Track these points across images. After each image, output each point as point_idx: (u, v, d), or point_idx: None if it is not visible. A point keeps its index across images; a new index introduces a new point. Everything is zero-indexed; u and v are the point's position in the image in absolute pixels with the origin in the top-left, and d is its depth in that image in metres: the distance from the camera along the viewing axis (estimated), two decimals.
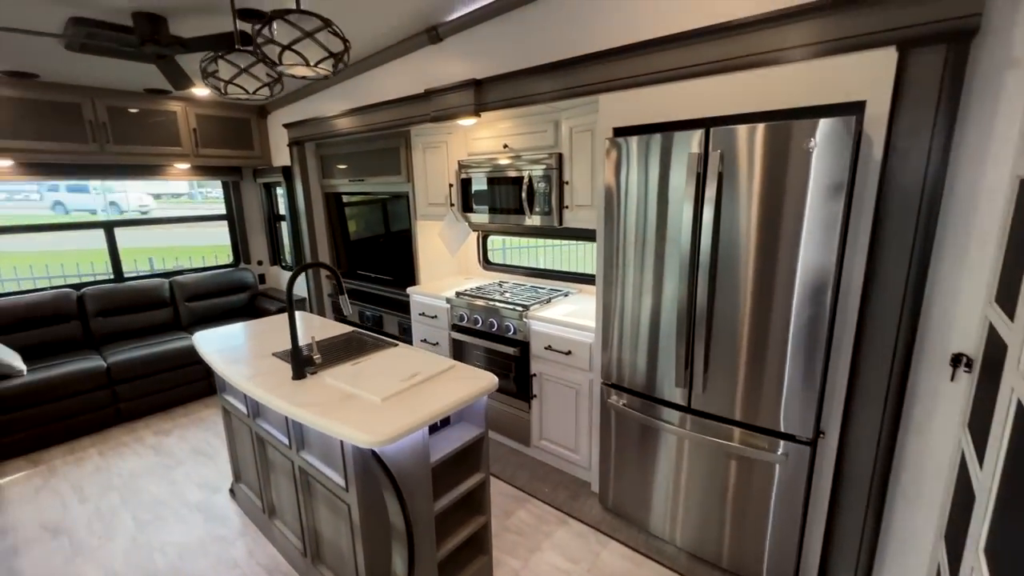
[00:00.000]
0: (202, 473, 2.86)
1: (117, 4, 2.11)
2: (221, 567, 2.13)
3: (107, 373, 3.33)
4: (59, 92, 3.25)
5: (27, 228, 3.83)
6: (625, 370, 2.14)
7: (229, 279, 4.42)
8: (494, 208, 2.92)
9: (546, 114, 2.58)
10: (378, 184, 3.66)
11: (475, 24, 2.50)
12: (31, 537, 2.36)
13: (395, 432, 1.40)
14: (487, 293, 3.06)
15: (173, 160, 3.88)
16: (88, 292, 3.71)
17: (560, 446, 2.70)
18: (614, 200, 2.03)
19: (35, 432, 3.09)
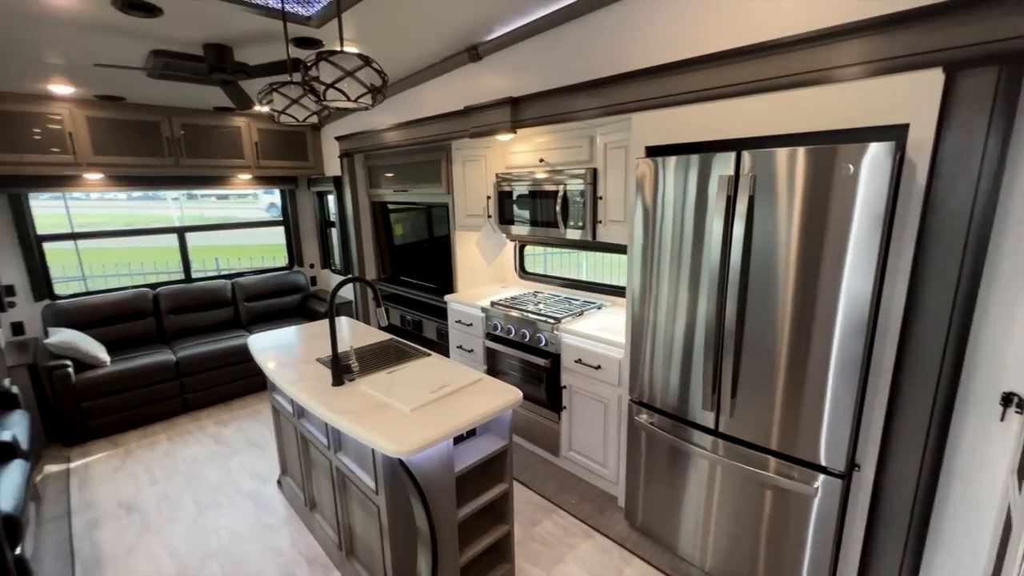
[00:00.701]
0: (254, 464, 3.09)
1: (190, 37, 2.35)
2: (267, 553, 2.31)
3: (176, 366, 3.67)
4: (141, 112, 3.61)
5: (114, 233, 4.28)
6: (655, 389, 2.14)
7: (284, 281, 4.73)
8: (530, 221, 2.97)
9: (581, 130, 2.60)
10: (421, 194, 3.81)
11: (513, 43, 2.56)
12: (108, 513, 2.65)
13: (421, 443, 1.48)
14: (521, 304, 3.12)
15: (237, 171, 4.21)
16: (162, 292, 4.09)
17: (588, 459, 2.71)
18: (649, 217, 2.03)
19: (115, 417, 3.45)
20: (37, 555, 2.30)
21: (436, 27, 2.42)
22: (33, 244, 3.61)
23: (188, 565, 2.26)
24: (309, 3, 1.96)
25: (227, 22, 2.16)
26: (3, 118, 3.13)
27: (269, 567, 2.22)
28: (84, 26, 2.13)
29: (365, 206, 4.40)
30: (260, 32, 2.30)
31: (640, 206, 2.04)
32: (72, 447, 3.34)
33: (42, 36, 2.23)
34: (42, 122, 3.26)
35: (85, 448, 3.33)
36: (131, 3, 1.93)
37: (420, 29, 2.44)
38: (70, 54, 2.49)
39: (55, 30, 2.16)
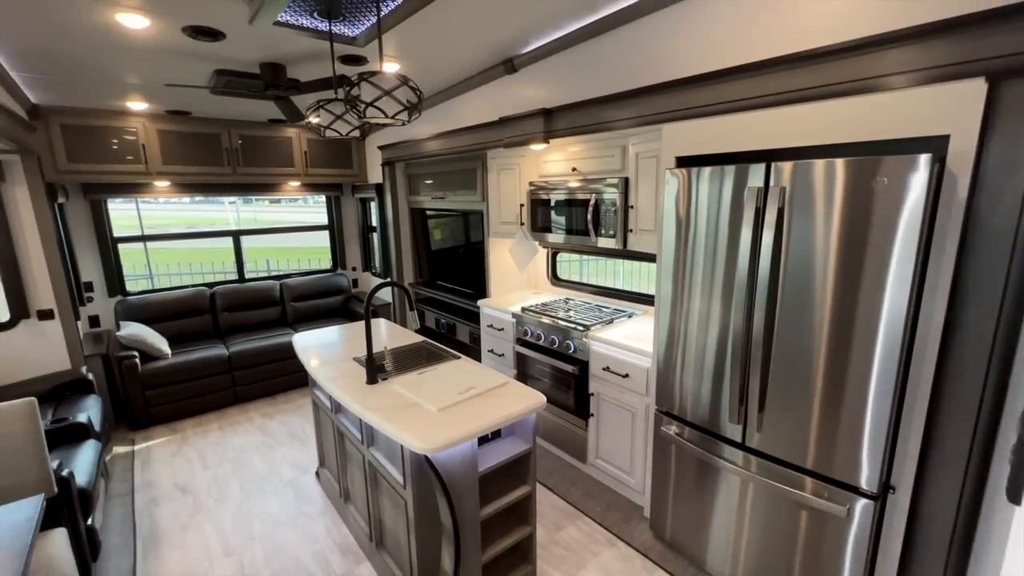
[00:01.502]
0: (295, 455, 3.28)
1: (249, 57, 2.55)
2: (304, 540, 2.45)
3: (228, 361, 3.93)
4: (204, 125, 3.92)
5: (178, 236, 4.64)
6: (683, 400, 2.13)
7: (328, 283, 4.97)
8: (562, 228, 3.01)
9: (614, 139, 2.63)
10: (457, 201, 3.93)
11: (547, 56, 2.63)
12: (166, 493, 2.88)
13: (446, 441, 1.56)
14: (551, 310, 3.16)
15: (288, 179, 4.48)
16: (218, 291, 4.40)
17: (615, 467, 2.71)
18: (680, 227, 2.03)
19: (174, 405, 3.74)
20: (104, 527, 2.54)
21: (474, 42, 2.52)
22: (109, 245, 3.98)
23: (234, 545, 2.43)
24: (354, 24, 2.10)
25: (281, 43, 2.34)
26: (89, 132, 3.48)
27: (305, 553, 2.36)
28: (159, 50, 2.36)
29: (404, 212, 4.57)
30: (310, 51, 2.47)
31: (671, 216, 2.05)
32: (137, 431, 3.65)
33: (125, 60, 2.49)
34: (120, 135, 3.60)
35: (148, 432, 3.63)
36: (199, 29, 2.13)
37: (459, 45, 2.54)
38: (146, 75, 2.76)
39: (135, 55, 2.41)
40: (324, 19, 2.00)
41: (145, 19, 2.00)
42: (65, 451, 2.42)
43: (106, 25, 2.04)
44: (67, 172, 3.44)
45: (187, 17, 2.02)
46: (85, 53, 2.37)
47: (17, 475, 1.73)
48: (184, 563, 2.32)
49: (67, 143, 3.40)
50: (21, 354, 3.07)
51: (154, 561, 2.33)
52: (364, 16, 2.02)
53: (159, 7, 1.91)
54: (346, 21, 2.07)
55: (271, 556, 2.35)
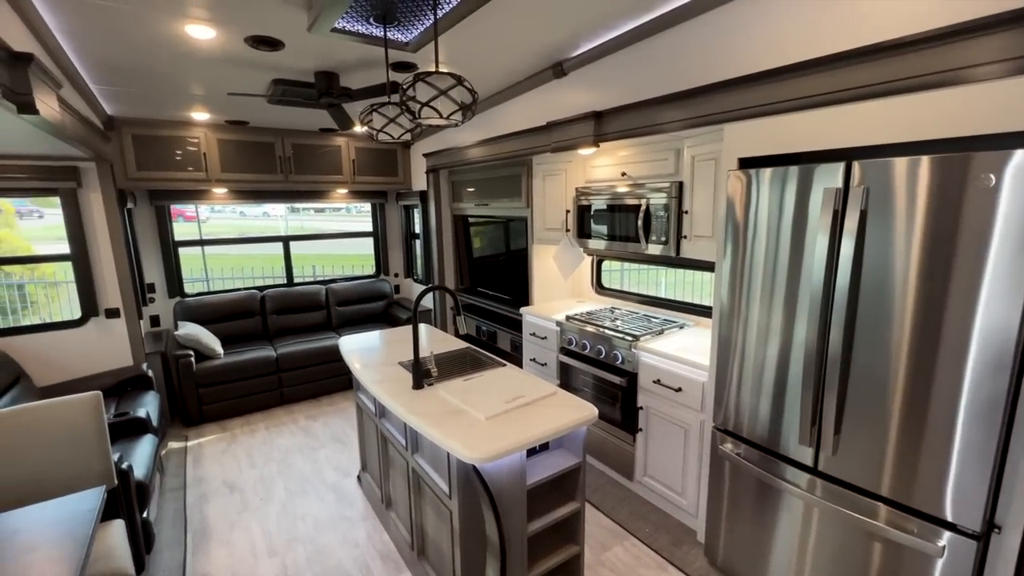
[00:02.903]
0: (338, 458, 3.30)
1: (305, 66, 2.62)
2: (345, 544, 2.44)
3: (276, 362, 4.04)
4: (260, 134, 4.08)
5: (233, 241, 4.85)
6: (743, 417, 1.98)
7: (371, 288, 5.05)
8: (609, 235, 2.92)
9: (667, 142, 2.53)
10: (500, 208, 3.91)
11: (598, 58, 2.56)
12: (215, 489, 2.95)
13: (495, 451, 1.50)
14: (597, 319, 3.06)
15: (336, 186, 4.60)
16: (268, 294, 4.55)
17: (665, 486, 2.57)
18: (740, 233, 1.91)
19: (225, 404, 3.86)
20: (158, 520, 2.62)
21: (524, 47, 2.49)
22: (171, 249, 4.19)
23: (277, 545, 2.45)
24: (408, 30, 2.11)
25: (335, 51, 2.39)
26: (155, 141, 3.68)
27: (346, 558, 2.34)
28: (222, 61, 2.46)
29: (447, 219, 4.59)
30: (362, 59, 2.51)
31: (731, 221, 1.93)
32: (190, 427, 3.78)
33: (191, 71, 2.61)
34: (184, 145, 3.80)
35: (200, 429, 3.76)
36: (260, 39, 2.20)
37: (508, 49, 2.52)
38: (209, 85, 2.89)
39: (201, 66, 2.52)
40: (379, 24, 2.02)
41: (212, 30, 2.08)
42: (125, 444, 2.52)
43: (176, 37, 2.14)
44: (136, 179, 3.64)
45: (250, 27, 2.08)
46: (156, 65, 2.50)
47: (82, 465, 1.79)
48: (231, 560, 2.35)
49: (137, 152, 3.61)
50: (90, 350, 3.25)
51: (203, 557, 2.38)
52: (418, 20, 2.03)
53: (225, 17, 1.98)
54: (400, 26, 2.08)
55: (313, 559, 2.34)
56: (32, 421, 1.73)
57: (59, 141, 2.36)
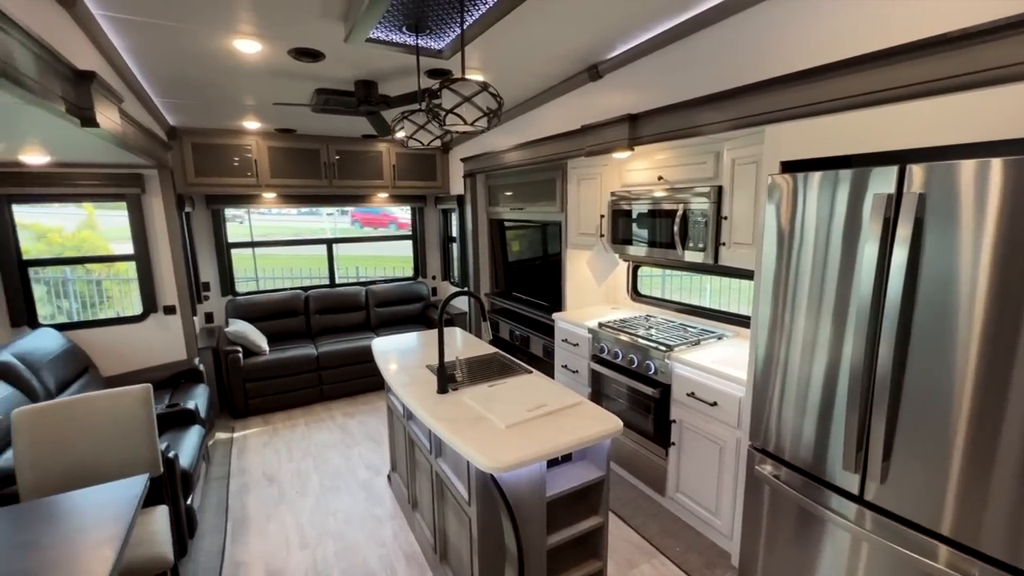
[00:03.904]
0: (370, 456, 3.38)
1: (344, 75, 2.71)
2: (372, 542, 2.49)
3: (317, 360, 4.19)
4: (306, 141, 4.26)
5: (281, 243, 5.09)
6: (783, 438, 1.86)
7: (409, 290, 5.16)
8: (644, 241, 2.84)
9: (706, 145, 2.42)
10: (535, 212, 3.89)
11: (634, 59, 2.50)
12: (256, 480, 3.09)
13: (512, 461, 1.47)
14: (631, 327, 2.98)
15: (377, 190, 4.73)
16: (311, 294, 4.74)
17: (698, 504, 2.46)
18: (784, 241, 1.80)
19: (269, 399, 4.05)
20: (201, 507, 2.77)
21: (558, 50, 2.47)
22: (224, 250, 4.45)
23: (309, 538, 2.52)
24: (440, 37, 2.13)
25: (373, 60, 2.45)
26: (212, 149, 3.93)
27: (373, 556, 2.39)
28: (268, 73, 2.59)
29: (483, 223, 4.62)
30: (399, 67, 2.56)
31: (773, 227, 1.82)
32: (236, 420, 3.99)
33: (241, 83, 2.76)
34: (238, 152, 4.03)
35: (245, 422, 3.95)
36: (302, 51, 2.29)
37: (542, 53, 2.50)
38: (258, 95, 3.04)
39: (249, 77, 2.66)
40: (411, 33, 2.06)
41: (258, 43, 2.19)
42: (174, 434, 2.68)
43: (226, 51, 2.27)
44: (194, 184, 3.90)
45: (292, 40, 2.18)
46: (211, 78, 2.66)
47: (131, 453, 1.92)
48: (266, 550, 2.44)
49: (196, 159, 3.86)
50: (148, 343, 3.50)
51: (241, 545, 2.49)
52: (449, 28, 2.04)
53: (269, 32, 2.08)
54: (432, 34, 2.11)
55: (341, 554, 2.40)
56: (88, 411, 1.87)
57: (124, 151, 2.55)
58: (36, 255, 3.38)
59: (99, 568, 1.29)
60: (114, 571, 1.29)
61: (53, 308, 4.32)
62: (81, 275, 4.67)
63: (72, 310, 4.42)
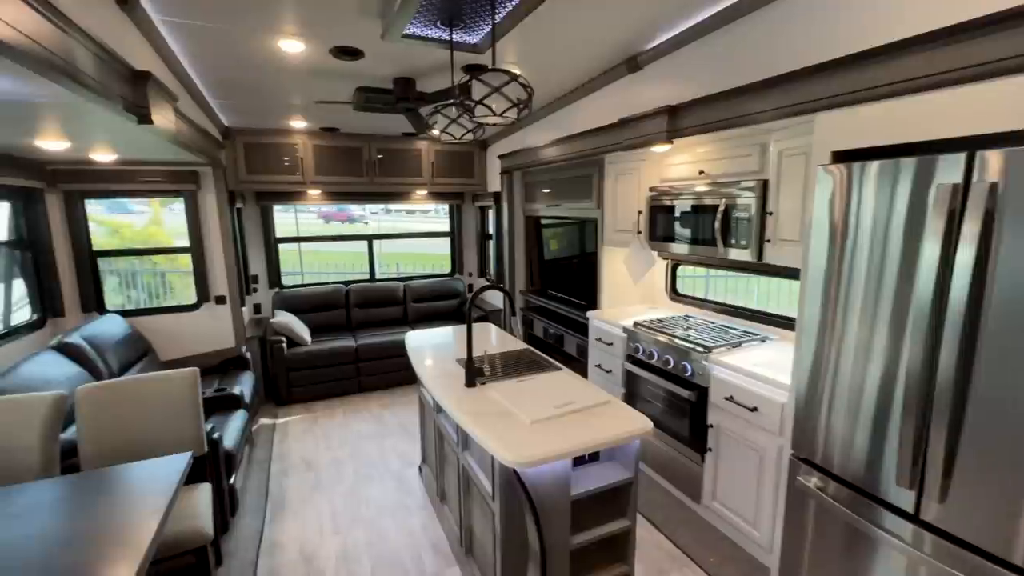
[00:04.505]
0: (403, 447, 3.44)
1: (383, 72, 2.76)
2: (401, 532, 2.52)
3: (355, 352, 4.31)
4: (349, 140, 4.39)
5: (324, 238, 5.28)
6: (831, 449, 1.73)
7: (445, 286, 5.22)
8: (684, 238, 2.73)
9: (751, 136, 2.30)
10: (571, 209, 3.83)
11: (675, 49, 2.40)
12: (295, 465, 3.22)
13: (535, 457, 1.45)
14: (668, 327, 2.87)
15: (416, 188, 4.82)
16: (352, 288, 4.88)
17: (736, 514, 2.34)
18: (836, 237, 1.67)
19: (310, 388, 4.21)
20: (243, 488, 2.91)
21: (596, 41, 2.41)
22: (272, 244, 4.66)
23: (341, 525, 2.59)
24: (474, 31, 2.13)
25: (410, 57, 2.48)
26: (262, 148, 4.12)
27: (401, 545, 2.42)
28: (311, 72, 2.68)
29: (520, 220, 4.60)
30: (435, 63, 2.59)
31: (823, 222, 1.70)
32: (280, 407, 4.17)
33: (286, 83, 2.88)
34: (286, 151, 4.20)
35: (288, 409, 4.12)
36: (342, 49, 2.35)
37: (580, 45, 2.45)
38: (303, 95, 3.16)
39: (293, 77, 2.76)
40: (446, 28, 2.07)
41: (300, 43, 2.27)
42: (220, 417, 2.82)
43: (271, 52, 2.36)
44: (246, 182, 4.10)
45: (332, 39, 2.24)
46: (260, 78, 2.78)
47: (179, 432, 2.04)
48: (301, 533, 2.53)
49: (247, 157, 4.06)
50: (201, 331, 3.72)
51: (278, 526, 2.59)
52: (483, 21, 2.04)
53: (310, 31, 2.15)
54: (467, 28, 2.11)
55: (371, 542, 2.45)
56: (140, 390, 2.00)
57: (181, 149, 2.71)
58: (108, 249, 3.67)
59: (143, 537, 1.36)
60: (155, 541, 1.37)
61: (123, 298, 4.67)
62: (148, 268, 5.03)
63: (140, 300, 4.77)
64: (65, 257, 3.28)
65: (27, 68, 1.24)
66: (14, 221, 3.01)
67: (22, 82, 1.36)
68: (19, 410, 1.81)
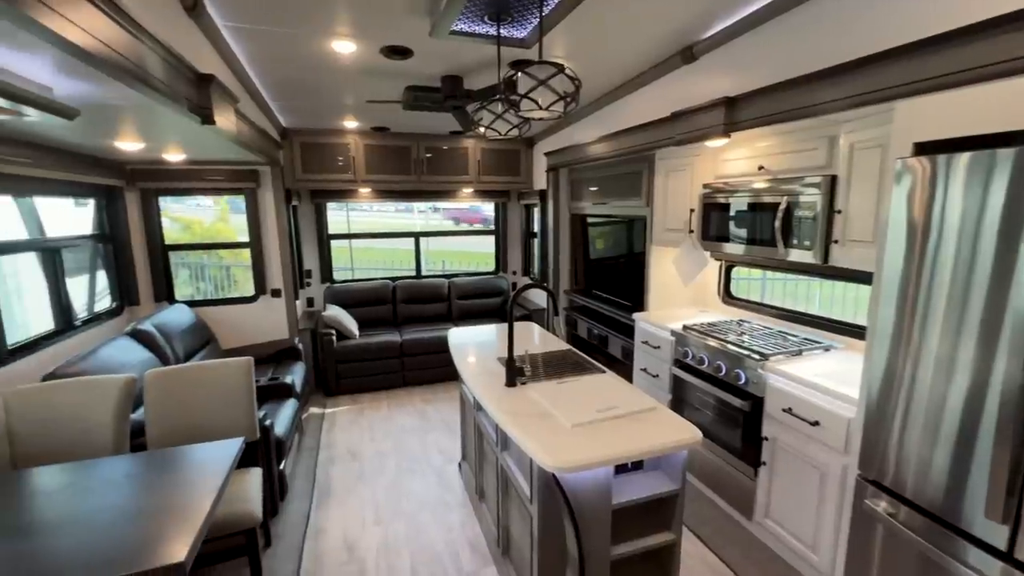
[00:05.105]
0: (444, 443, 3.47)
1: (432, 71, 2.78)
2: (439, 528, 2.54)
3: (400, 347, 4.40)
4: (398, 139, 4.49)
5: (372, 235, 5.43)
6: (905, 472, 1.57)
7: (489, 284, 5.24)
8: (740, 238, 2.58)
9: (818, 128, 2.13)
10: (618, 207, 3.72)
11: (733, 37, 2.26)
12: (341, 455, 3.32)
13: (575, 462, 1.40)
14: (720, 331, 2.72)
15: (462, 186, 4.86)
16: (399, 284, 4.99)
17: (791, 535, 2.18)
18: (916, 237, 1.51)
19: (357, 380, 4.34)
20: (292, 474, 3.03)
21: (650, 31, 2.31)
22: (325, 241, 4.84)
23: (382, 516, 2.65)
24: (522, 25, 2.10)
25: (458, 54, 2.48)
26: (318, 148, 4.28)
27: (439, 540, 2.43)
28: (362, 72, 2.74)
29: (565, 219, 4.53)
30: (483, 59, 2.57)
31: (901, 221, 1.54)
32: (329, 397, 4.32)
33: (339, 84, 2.96)
34: (340, 150, 4.35)
35: (336, 400, 4.27)
36: (392, 48, 2.39)
37: (632, 36, 2.36)
38: (355, 95, 3.24)
39: (346, 77, 2.84)
40: (493, 23, 2.04)
41: (352, 44, 2.32)
42: (272, 405, 2.95)
43: (325, 53, 2.43)
44: (301, 180, 4.28)
45: (383, 38, 2.27)
46: (315, 80, 2.88)
47: (233, 418, 2.14)
48: (344, 521, 2.60)
49: (303, 157, 4.23)
50: (258, 322, 3.91)
51: (324, 513, 2.68)
52: (531, 15, 2.00)
53: (362, 32, 2.19)
54: (514, 23, 2.08)
55: (411, 535, 2.48)
56: (199, 376, 2.12)
57: (242, 148, 2.85)
58: (178, 243, 3.94)
59: (197, 516, 1.43)
60: (207, 521, 1.43)
61: (193, 289, 5.03)
62: (214, 261, 5.39)
63: (207, 291, 5.11)
64: (141, 250, 3.54)
65: (104, 73, 1.33)
66: (98, 217, 3.28)
67: (97, 86, 1.46)
68: (95, 390, 1.96)
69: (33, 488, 1.62)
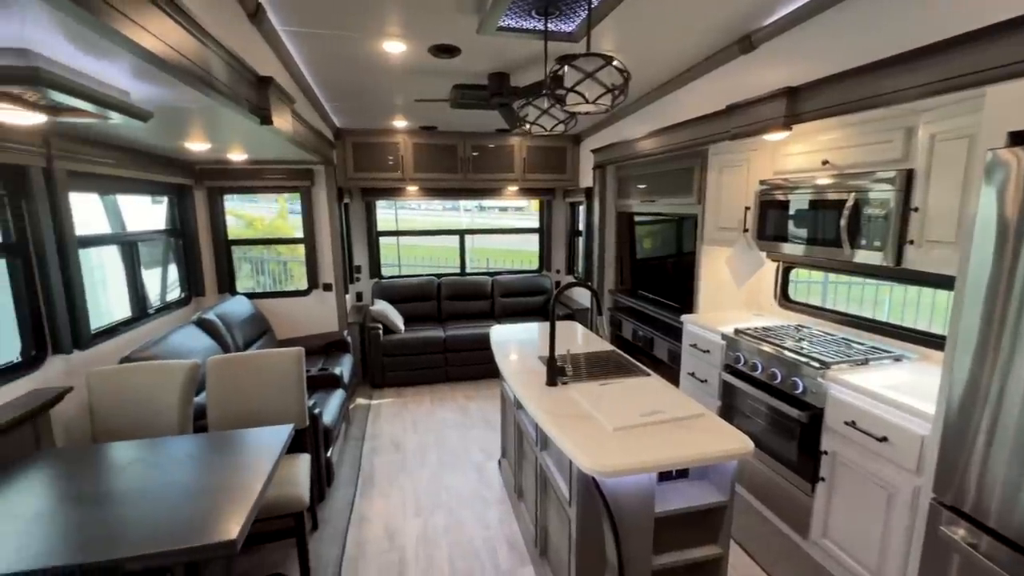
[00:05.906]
0: (485, 439, 3.48)
1: (479, 68, 2.79)
2: (477, 523, 2.55)
3: (444, 343, 4.47)
4: (445, 138, 4.55)
5: (418, 232, 5.55)
6: (986, 496, 1.41)
7: (532, 282, 5.22)
8: (800, 237, 2.42)
9: (892, 119, 1.96)
10: (668, 205, 3.60)
11: (795, 24, 2.11)
12: (384, 446, 3.41)
13: (616, 467, 1.36)
14: (776, 336, 2.57)
15: (508, 184, 4.86)
16: (443, 281, 5.07)
17: (852, 558, 2.02)
18: (1008, 238, 1.36)
19: (402, 374, 4.44)
20: (339, 462, 3.14)
21: (706, 20, 2.20)
22: (374, 238, 4.99)
23: (423, 508, 2.69)
24: (570, 18, 2.06)
25: (505, 51, 2.48)
26: (369, 147, 4.42)
27: (477, 536, 2.45)
28: (411, 71, 2.79)
29: (611, 217, 4.43)
30: (530, 55, 2.55)
31: (991, 220, 1.38)
32: (375, 389, 4.46)
33: (389, 84, 3.03)
34: (391, 149, 4.47)
35: (382, 392, 4.39)
36: (440, 47, 2.41)
37: (687, 26, 2.26)
38: (404, 94, 3.31)
39: (396, 77, 2.90)
40: (540, 17, 2.02)
41: (402, 44, 2.36)
42: (321, 395, 3.07)
43: (376, 54, 2.49)
44: (353, 179, 4.43)
45: (431, 37, 2.30)
46: (366, 80, 2.96)
47: (285, 405, 2.24)
48: (386, 511, 2.67)
49: (355, 156, 4.38)
50: (310, 315, 4.09)
51: (367, 501, 2.76)
52: (579, 7, 1.95)
53: (411, 32, 2.23)
54: (562, 16, 2.04)
55: (449, 529, 2.51)
56: (255, 365, 2.23)
57: (298, 148, 2.98)
58: (241, 238, 4.19)
59: (248, 497, 1.50)
60: (258, 503, 1.50)
61: (253, 282, 5.34)
62: (274, 256, 5.69)
63: (267, 284, 5.41)
64: (207, 245, 3.79)
65: (174, 77, 1.41)
66: (170, 213, 3.54)
67: (168, 89, 1.56)
68: (164, 373, 2.11)
69: (109, 462, 1.76)
